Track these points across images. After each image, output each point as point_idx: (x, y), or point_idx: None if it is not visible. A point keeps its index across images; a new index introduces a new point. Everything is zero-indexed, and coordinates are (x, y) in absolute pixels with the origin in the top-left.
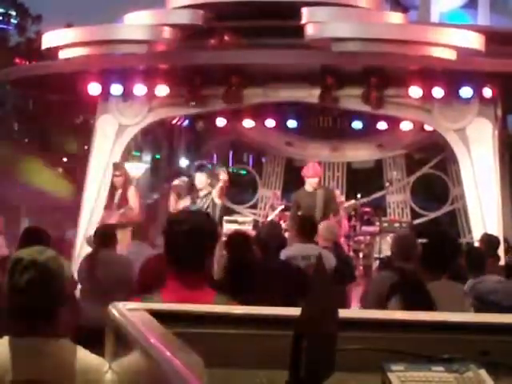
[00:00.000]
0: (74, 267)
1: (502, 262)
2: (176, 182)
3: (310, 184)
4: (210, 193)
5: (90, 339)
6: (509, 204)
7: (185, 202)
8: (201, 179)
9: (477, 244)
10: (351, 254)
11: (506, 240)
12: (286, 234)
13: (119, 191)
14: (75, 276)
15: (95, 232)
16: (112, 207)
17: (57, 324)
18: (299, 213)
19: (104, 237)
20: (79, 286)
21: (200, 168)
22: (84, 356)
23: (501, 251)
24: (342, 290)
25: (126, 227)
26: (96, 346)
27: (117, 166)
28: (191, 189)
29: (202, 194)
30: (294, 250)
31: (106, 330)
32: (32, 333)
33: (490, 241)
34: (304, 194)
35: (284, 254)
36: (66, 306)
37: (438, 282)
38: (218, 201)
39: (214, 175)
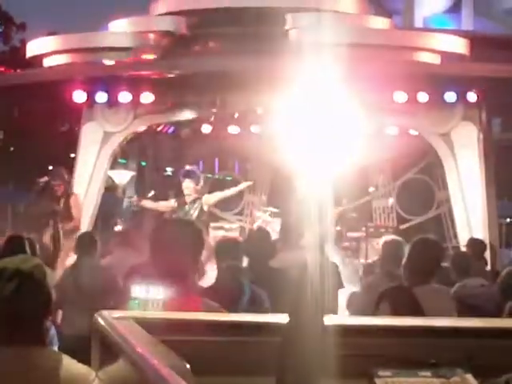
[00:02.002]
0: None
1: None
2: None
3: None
4: (198, 198)
5: (76, 348)
6: (494, 208)
7: (168, 203)
8: (188, 185)
9: (463, 248)
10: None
11: (491, 246)
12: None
13: (62, 200)
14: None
15: (76, 240)
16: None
17: (42, 333)
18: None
19: (85, 245)
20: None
21: (187, 174)
22: (70, 365)
23: (487, 255)
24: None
25: (70, 237)
26: (81, 355)
27: (54, 174)
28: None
29: (189, 199)
30: (282, 260)
31: (92, 338)
32: (18, 342)
33: (476, 245)
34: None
35: (275, 263)
36: (51, 315)
37: (426, 286)
38: (206, 207)
39: (200, 180)
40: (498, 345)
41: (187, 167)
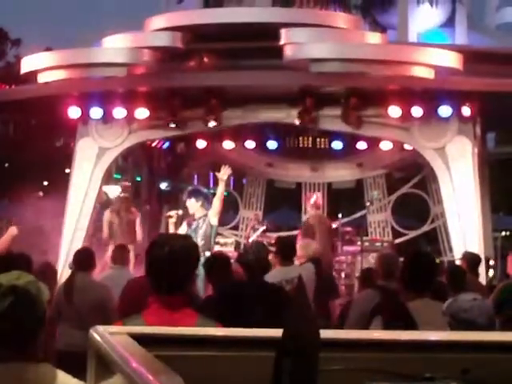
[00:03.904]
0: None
1: (480, 279)
2: (171, 213)
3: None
4: (205, 215)
5: (69, 363)
6: (489, 222)
7: (182, 229)
8: (191, 204)
9: (458, 262)
10: (333, 273)
11: (486, 258)
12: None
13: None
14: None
15: (73, 255)
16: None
17: (36, 348)
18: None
19: (81, 261)
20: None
21: (192, 194)
22: (65, 380)
23: (482, 269)
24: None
25: None
26: (75, 370)
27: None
28: (185, 216)
29: (197, 216)
30: (277, 274)
31: (88, 353)
32: (13, 358)
33: (471, 258)
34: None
35: (267, 278)
36: (44, 330)
37: (419, 301)
38: (214, 222)
39: (209, 199)
40: (494, 358)
41: (192, 187)
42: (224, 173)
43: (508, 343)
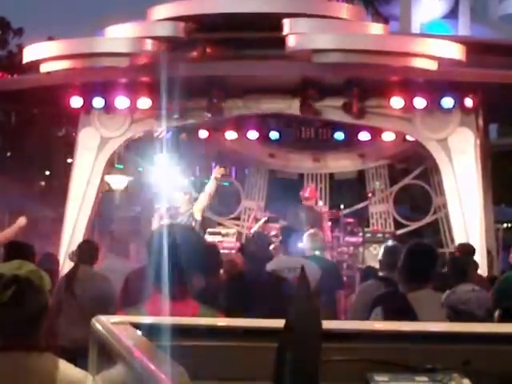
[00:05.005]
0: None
1: (482, 271)
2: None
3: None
4: (190, 209)
5: (70, 355)
6: (491, 213)
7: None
8: (178, 197)
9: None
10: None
11: (488, 251)
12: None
13: None
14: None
15: (77, 247)
16: None
17: (39, 338)
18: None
19: (84, 253)
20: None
21: (179, 187)
22: (67, 369)
23: (483, 262)
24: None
25: None
26: (76, 362)
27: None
28: (171, 208)
29: (182, 210)
30: (279, 262)
31: (90, 343)
32: (15, 347)
33: (465, 249)
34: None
35: (269, 267)
36: (47, 320)
37: (420, 292)
38: (198, 216)
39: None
40: (495, 349)
41: (179, 181)
42: (218, 172)
43: (509, 335)
